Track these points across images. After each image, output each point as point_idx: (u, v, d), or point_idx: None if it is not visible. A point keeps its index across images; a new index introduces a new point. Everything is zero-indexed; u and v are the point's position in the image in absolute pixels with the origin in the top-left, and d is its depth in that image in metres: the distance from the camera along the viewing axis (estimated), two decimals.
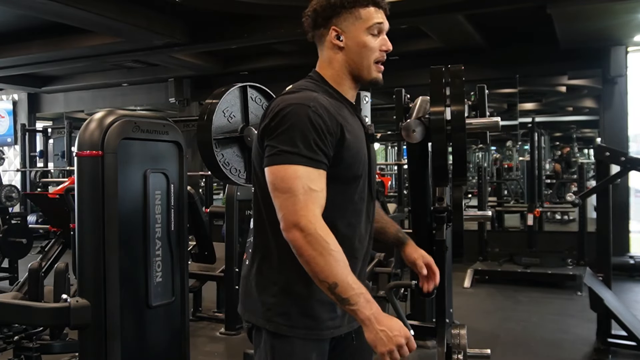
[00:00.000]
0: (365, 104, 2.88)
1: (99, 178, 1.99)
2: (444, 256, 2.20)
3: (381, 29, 1.43)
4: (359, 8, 1.41)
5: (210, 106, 2.38)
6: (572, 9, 5.33)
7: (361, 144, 1.42)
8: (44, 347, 2.63)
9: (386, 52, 1.44)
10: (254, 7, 5.24)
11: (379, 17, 1.43)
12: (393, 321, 1.23)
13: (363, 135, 1.45)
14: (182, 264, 2.29)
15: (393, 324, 1.22)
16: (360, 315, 1.21)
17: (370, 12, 1.42)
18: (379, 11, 1.43)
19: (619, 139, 6.50)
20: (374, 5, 1.42)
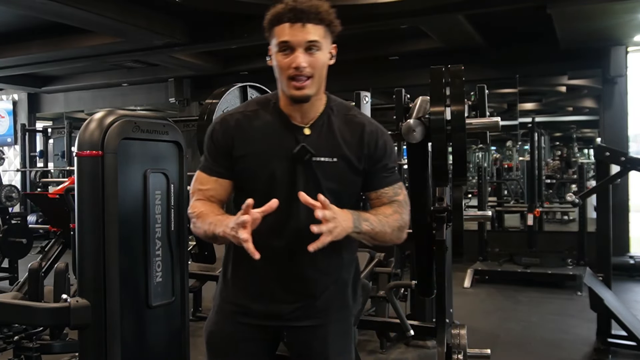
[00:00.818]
0: (365, 104, 2.88)
1: (99, 178, 1.99)
2: (444, 256, 2.21)
3: (290, 46, 1.43)
4: (275, 27, 1.46)
5: (210, 106, 2.38)
6: (572, 9, 5.33)
7: (267, 161, 1.49)
8: (44, 347, 2.63)
9: (297, 68, 1.43)
10: (254, 7, 5.24)
11: (286, 35, 1.43)
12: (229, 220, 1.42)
13: (281, 153, 1.49)
14: (182, 264, 2.29)
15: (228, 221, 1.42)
16: (221, 233, 1.44)
17: (280, 29, 1.44)
18: (294, 26, 1.43)
19: (619, 139, 6.50)
20: (288, 21, 1.43)
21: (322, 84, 1.51)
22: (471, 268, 5.99)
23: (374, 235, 1.50)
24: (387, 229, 1.52)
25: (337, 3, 2.08)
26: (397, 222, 1.54)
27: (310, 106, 1.51)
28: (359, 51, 7.44)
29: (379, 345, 3.85)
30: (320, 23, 1.45)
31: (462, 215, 2.08)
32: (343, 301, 1.65)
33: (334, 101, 1.58)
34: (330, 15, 1.48)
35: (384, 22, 5.79)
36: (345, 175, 1.52)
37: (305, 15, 1.43)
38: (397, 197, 1.58)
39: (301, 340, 1.62)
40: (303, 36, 1.43)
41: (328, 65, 1.51)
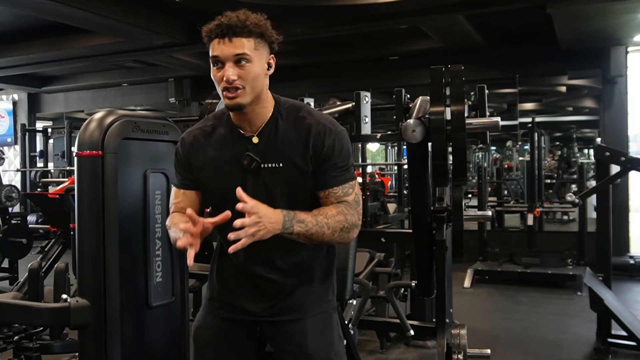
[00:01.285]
0: (365, 104, 2.88)
1: (99, 178, 1.99)
2: (444, 256, 2.20)
3: (220, 60, 1.51)
4: (208, 43, 1.54)
5: (210, 106, 2.38)
6: (572, 9, 5.33)
7: (220, 172, 1.59)
8: (44, 347, 2.63)
9: (227, 81, 1.50)
10: (254, 7, 5.22)
11: (215, 50, 1.51)
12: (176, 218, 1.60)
13: (233, 163, 1.57)
14: (182, 264, 2.29)
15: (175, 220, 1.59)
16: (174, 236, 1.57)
17: (212, 45, 1.53)
18: (222, 42, 1.50)
19: (619, 139, 6.50)
20: (216, 37, 1.51)
21: (261, 93, 1.56)
22: (471, 268, 5.99)
23: (310, 237, 1.50)
24: (326, 230, 1.51)
25: (338, 3, 2.09)
26: (339, 224, 1.53)
27: (255, 115, 1.57)
28: (359, 51, 7.45)
29: (379, 345, 3.85)
30: (248, 36, 1.51)
31: (462, 215, 2.08)
32: (319, 296, 1.69)
33: (283, 105, 1.62)
34: (260, 27, 1.53)
35: (384, 22, 5.79)
36: (293, 179, 1.56)
37: (231, 29, 1.49)
38: (346, 197, 1.57)
39: (281, 335, 1.67)
40: (230, 50, 1.50)
41: (267, 75, 1.57)
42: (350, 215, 1.56)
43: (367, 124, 2.86)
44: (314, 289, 1.68)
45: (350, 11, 5.36)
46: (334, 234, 1.53)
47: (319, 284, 1.69)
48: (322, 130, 1.56)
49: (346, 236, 1.56)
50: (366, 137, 2.86)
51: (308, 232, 1.49)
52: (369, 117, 2.89)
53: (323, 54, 7.56)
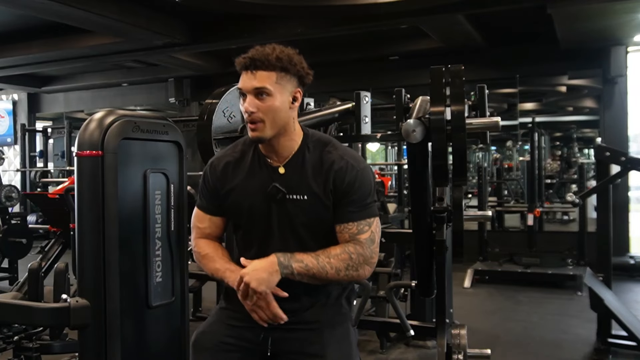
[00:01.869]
0: (365, 104, 2.88)
1: (99, 178, 1.98)
2: (444, 256, 2.21)
3: (243, 92, 1.57)
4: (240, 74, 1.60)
5: (210, 106, 2.38)
6: (572, 9, 5.33)
7: (247, 199, 1.64)
8: (43, 347, 2.62)
9: (247, 113, 1.56)
10: (254, 7, 5.24)
11: (240, 82, 1.58)
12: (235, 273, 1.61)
13: (258, 192, 1.62)
14: (182, 264, 2.29)
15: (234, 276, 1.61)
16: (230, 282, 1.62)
17: (240, 78, 1.59)
18: (246, 74, 1.56)
19: (619, 139, 6.50)
20: (242, 70, 1.58)
21: (286, 126, 1.59)
22: (471, 268, 5.99)
23: (312, 276, 1.55)
24: (329, 269, 1.54)
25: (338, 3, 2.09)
26: (343, 263, 1.55)
27: (282, 147, 1.61)
28: (359, 51, 7.44)
29: (379, 345, 3.85)
30: (271, 69, 1.55)
31: (462, 215, 2.08)
32: (335, 309, 1.69)
33: (311, 138, 1.66)
34: (283, 61, 1.58)
35: (384, 22, 5.79)
36: (315, 210, 1.60)
37: (254, 63, 1.55)
38: (360, 234, 1.59)
39: (296, 345, 1.64)
40: (251, 83, 1.55)
41: (292, 108, 1.60)
42: (358, 253, 1.57)
43: (367, 124, 2.86)
44: (331, 303, 1.68)
45: (350, 11, 5.36)
46: (339, 273, 1.56)
47: (335, 299, 1.70)
48: (344, 166, 1.59)
49: (355, 274, 1.58)
50: (366, 137, 2.86)
51: (309, 271, 1.53)
52: (369, 117, 2.88)
53: (323, 54, 7.55)
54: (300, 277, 1.54)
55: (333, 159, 1.60)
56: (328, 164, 1.60)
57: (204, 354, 1.72)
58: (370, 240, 1.60)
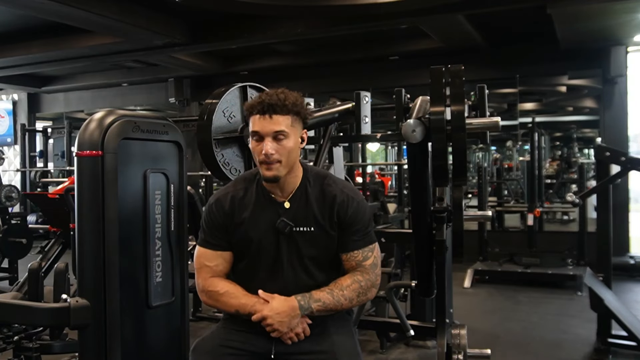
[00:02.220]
0: (365, 104, 2.88)
1: (99, 178, 1.99)
2: (444, 256, 2.21)
3: (260, 135, 1.67)
4: (250, 117, 1.70)
5: (210, 106, 2.38)
6: (572, 9, 5.33)
7: (255, 232, 1.73)
8: (44, 347, 2.62)
9: (266, 155, 1.65)
10: (254, 7, 5.23)
11: (256, 125, 1.67)
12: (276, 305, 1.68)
13: (266, 225, 1.73)
14: (182, 264, 2.29)
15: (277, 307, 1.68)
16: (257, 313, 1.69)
17: (253, 120, 1.69)
18: (263, 118, 1.65)
19: (619, 139, 6.50)
20: (257, 114, 1.67)
21: (294, 165, 1.73)
22: (471, 268, 5.99)
23: (331, 309, 1.71)
24: (343, 301, 1.70)
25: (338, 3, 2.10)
26: (355, 292, 1.72)
27: (287, 183, 1.74)
28: (359, 51, 7.44)
29: (379, 345, 3.85)
30: (287, 113, 1.66)
31: (462, 215, 2.08)
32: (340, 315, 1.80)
33: (310, 172, 1.80)
34: (297, 105, 1.69)
35: (384, 22, 5.79)
36: (321, 241, 1.74)
37: (272, 108, 1.65)
38: (365, 261, 1.76)
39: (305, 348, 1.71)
40: (270, 127, 1.65)
41: (300, 147, 1.75)
42: (365, 280, 1.75)
43: (367, 124, 2.86)
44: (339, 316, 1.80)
45: (350, 11, 5.36)
46: (352, 301, 1.73)
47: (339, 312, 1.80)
48: (346, 199, 1.74)
49: (364, 299, 1.78)
50: (366, 137, 2.86)
51: (327, 307, 1.69)
52: (369, 117, 2.88)
53: (323, 54, 7.55)
54: (319, 314, 1.70)
55: (335, 192, 1.74)
56: (330, 198, 1.73)
57: (203, 356, 1.74)
58: (374, 265, 1.78)
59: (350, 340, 1.77)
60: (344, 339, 1.75)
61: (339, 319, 1.79)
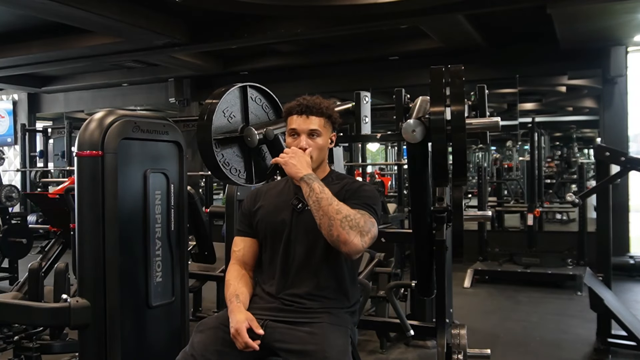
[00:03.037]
0: (365, 104, 2.88)
1: (99, 178, 1.99)
2: (444, 256, 2.20)
3: (297, 132, 1.91)
4: (288, 117, 1.94)
5: (210, 106, 2.37)
6: (572, 9, 5.33)
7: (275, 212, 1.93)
8: (44, 347, 2.63)
9: (301, 149, 1.87)
10: (254, 7, 5.23)
11: (294, 123, 1.91)
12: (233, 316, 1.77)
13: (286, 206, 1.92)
14: (182, 264, 2.29)
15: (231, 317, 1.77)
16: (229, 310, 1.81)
17: (291, 119, 1.93)
18: (300, 117, 1.91)
19: (619, 139, 6.50)
20: (295, 114, 1.92)
21: (323, 162, 1.97)
22: (471, 268, 5.99)
23: (319, 201, 1.75)
24: (335, 205, 1.74)
25: (338, 3, 2.07)
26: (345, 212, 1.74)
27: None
28: (359, 51, 7.45)
29: (379, 345, 3.85)
30: (321, 115, 1.92)
31: (462, 215, 2.08)
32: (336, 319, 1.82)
33: (335, 173, 2.05)
34: (330, 110, 1.95)
35: (384, 22, 5.79)
36: None
37: (309, 109, 1.90)
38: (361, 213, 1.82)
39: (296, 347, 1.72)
40: (306, 125, 1.91)
41: (329, 147, 1.99)
42: (358, 218, 1.76)
43: (367, 124, 2.85)
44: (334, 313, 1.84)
45: (350, 11, 5.36)
46: (338, 214, 1.73)
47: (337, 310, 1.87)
48: (354, 182, 1.97)
49: (344, 232, 1.72)
50: (366, 137, 2.86)
51: (319, 194, 1.76)
52: (369, 117, 2.88)
53: (323, 54, 7.56)
54: (309, 192, 1.77)
55: (351, 181, 1.98)
56: (347, 184, 1.94)
57: (206, 332, 1.78)
58: (371, 223, 1.81)
59: (341, 338, 1.77)
60: (336, 336, 1.75)
61: (335, 322, 1.79)
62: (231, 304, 1.81)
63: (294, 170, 1.80)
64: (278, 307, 1.83)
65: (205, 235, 3.65)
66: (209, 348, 1.72)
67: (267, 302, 1.86)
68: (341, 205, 1.76)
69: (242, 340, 1.70)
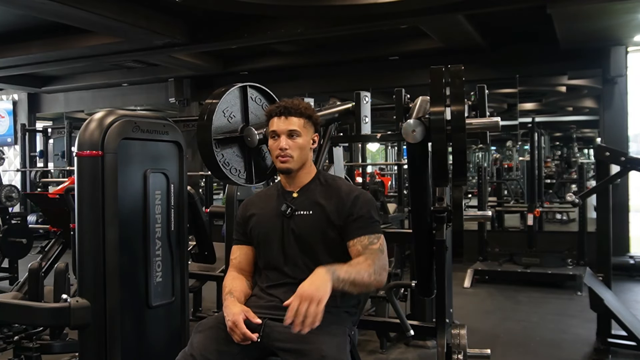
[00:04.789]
0: (365, 104, 2.88)
1: (99, 178, 1.99)
2: (444, 256, 2.20)
3: (277, 133, 1.93)
4: (269, 120, 1.97)
5: (210, 106, 2.37)
6: (572, 9, 5.33)
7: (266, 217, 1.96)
8: (44, 347, 2.63)
9: (281, 149, 1.90)
10: (254, 7, 5.23)
11: (274, 125, 1.93)
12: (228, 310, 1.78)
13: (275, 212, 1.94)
14: (182, 264, 2.29)
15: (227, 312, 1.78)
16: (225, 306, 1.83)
17: (272, 121, 1.96)
18: (280, 119, 1.92)
19: (619, 139, 6.50)
20: (275, 116, 1.94)
21: (306, 162, 1.97)
22: (471, 268, 5.99)
23: (354, 282, 1.74)
24: (364, 274, 1.76)
25: (338, 3, 2.07)
26: (371, 267, 1.78)
27: (299, 178, 1.97)
28: (359, 51, 7.45)
29: (379, 345, 3.85)
30: (300, 116, 1.93)
31: (462, 215, 2.07)
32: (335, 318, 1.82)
33: (323, 174, 2.04)
34: (309, 110, 1.97)
35: (384, 22, 5.79)
36: (319, 224, 1.89)
37: (287, 110, 1.92)
38: (371, 245, 1.85)
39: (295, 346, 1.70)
40: (285, 126, 1.92)
41: (311, 148, 1.99)
42: (376, 260, 1.82)
43: (367, 124, 2.85)
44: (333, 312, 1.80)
45: (350, 11, 5.36)
46: (371, 277, 1.78)
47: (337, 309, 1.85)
48: (350, 191, 1.94)
49: (379, 279, 1.81)
50: (366, 137, 2.85)
51: (351, 275, 1.73)
52: (369, 117, 2.88)
53: (323, 54, 7.56)
54: (343, 284, 1.71)
55: (340, 185, 1.97)
56: (336, 189, 1.94)
57: (206, 332, 1.78)
58: (381, 250, 1.86)
59: (339, 337, 1.77)
60: (333, 336, 1.74)
61: (333, 322, 1.79)
62: (225, 300, 1.83)
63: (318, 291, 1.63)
64: (277, 305, 1.82)
65: (205, 235, 3.65)
66: (209, 348, 1.72)
67: (266, 301, 1.86)
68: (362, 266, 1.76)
69: (240, 331, 1.70)
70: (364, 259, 1.80)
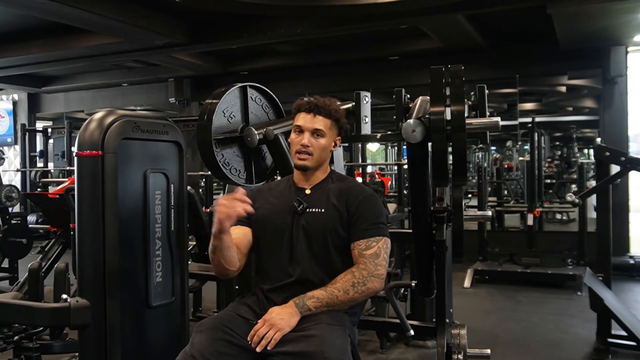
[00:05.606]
0: (365, 104, 2.88)
1: (99, 178, 1.99)
2: (444, 256, 2.20)
3: (302, 129, 1.94)
4: (296, 113, 1.98)
5: (210, 106, 2.38)
6: (572, 9, 5.33)
7: (276, 212, 1.95)
8: (44, 347, 2.63)
9: (303, 145, 1.92)
10: (254, 7, 5.23)
11: (300, 120, 1.95)
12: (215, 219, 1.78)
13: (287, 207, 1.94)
14: (182, 264, 2.29)
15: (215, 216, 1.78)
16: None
17: (298, 116, 1.97)
18: (308, 115, 1.94)
19: (619, 139, 6.50)
20: (302, 112, 1.96)
21: (324, 161, 1.99)
22: (471, 268, 5.99)
23: (327, 305, 1.79)
24: (338, 294, 1.79)
25: (338, 3, 2.08)
26: (348, 282, 1.80)
27: (314, 176, 1.98)
28: (359, 51, 7.45)
29: (379, 345, 3.85)
30: (328, 117, 1.95)
31: (462, 215, 2.08)
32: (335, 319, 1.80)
33: (335, 174, 2.06)
34: (338, 113, 1.98)
35: (384, 22, 5.79)
36: (331, 222, 1.89)
37: (317, 108, 1.93)
38: (367, 250, 1.86)
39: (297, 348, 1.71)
40: (312, 124, 1.93)
41: (332, 150, 2.01)
42: (360, 270, 1.82)
43: (367, 124, 2.86)
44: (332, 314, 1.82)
45: (350, 11, 5.36)
46: (348, 292, 1.80)
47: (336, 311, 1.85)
48: (359, 191, 1.95)
49: (364, 289, 1.82)
50: (366, 137, 2.86)
51: (322, 302, 1.78)
52: (369, 117, 2.88)
53: (323, 54, 7.56)
54: (317, 310, 1.78)
55: (351, 185, 1.98)
56: (346, 188, 1.95)
57: (206, 332, 1.77)
58: (375, 255, 1.85)
59: (340, 338, 1.75)
60: (335, 336, 1.73)
61: (334, 322, 1.79)
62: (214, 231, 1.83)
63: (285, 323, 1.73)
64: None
65: (205, 235, 3.64)
66: (209, 348, 1.72)
67: (262, 309, 1.85)
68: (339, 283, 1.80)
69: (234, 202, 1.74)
70: (344, 274, 1.82)
